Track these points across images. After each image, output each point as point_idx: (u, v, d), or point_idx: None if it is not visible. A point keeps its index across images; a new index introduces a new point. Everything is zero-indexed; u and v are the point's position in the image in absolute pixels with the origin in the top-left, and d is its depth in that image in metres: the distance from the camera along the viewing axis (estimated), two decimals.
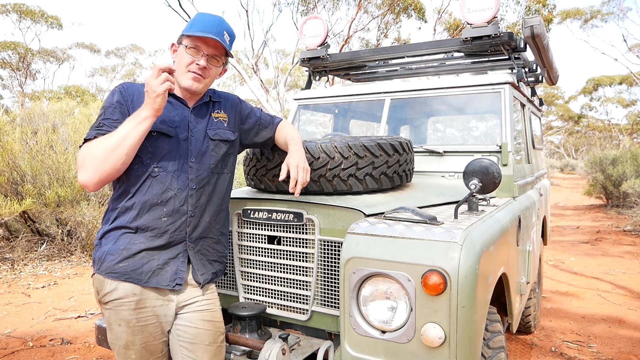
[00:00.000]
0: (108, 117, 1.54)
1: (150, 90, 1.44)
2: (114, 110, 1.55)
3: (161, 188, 1.56)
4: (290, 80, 23.31)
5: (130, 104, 1.58)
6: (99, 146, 1.46)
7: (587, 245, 7.49)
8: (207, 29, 1.58)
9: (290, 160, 1.74)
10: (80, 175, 1.48)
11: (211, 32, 1.58)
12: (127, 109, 1.56)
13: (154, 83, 1.43)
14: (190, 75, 1.60)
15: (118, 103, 1.56)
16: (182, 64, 1.61)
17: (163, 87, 1.43)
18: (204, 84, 1.64)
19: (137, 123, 1.46)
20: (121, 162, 1.47)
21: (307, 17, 3.39)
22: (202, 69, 1.60)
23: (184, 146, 1.61)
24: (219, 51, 1.64)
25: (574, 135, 44.63)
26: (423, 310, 1.48)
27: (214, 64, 1.64)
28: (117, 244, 1.56)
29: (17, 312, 4.27)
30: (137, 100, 1.58)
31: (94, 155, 1.46)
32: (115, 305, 1.56)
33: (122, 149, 1.45)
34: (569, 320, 4.06)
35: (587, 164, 13.85)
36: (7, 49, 22.43)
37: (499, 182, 1.84)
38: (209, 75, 1.64)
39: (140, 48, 30.33)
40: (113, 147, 1.44)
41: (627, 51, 24.72)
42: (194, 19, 1.63)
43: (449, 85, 2.73)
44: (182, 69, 1.61)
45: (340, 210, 1.80)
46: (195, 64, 1.59)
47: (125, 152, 1.46)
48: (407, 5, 15.95)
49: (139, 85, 1.63)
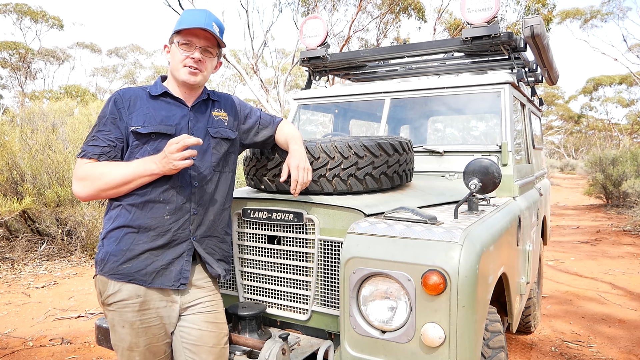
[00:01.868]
0: (101, 130, 1.58)
1: (170, 160, 1.48)
2: (107, 122, 1.59)
3: (163, 186, 1.57)
4: (291, 80, 23.32)
5: (127, 110, 1.59)
6: (101, 177, 1.52)
7: (587, 245, 7.49)
8: (195, 22, 1.59)
9: (291, 160, 1.74)
10: (76, 188, 1.55)
11: (200, 23, 1.59)
12: (123, 117, 1.58)
13: (176, 156, 1.47)
14: (187, 69, 1.61)
15: (111, 114, 1.59)
16: (176, 61, 1.62)
17: (182, 164, 1.49)
18: (202, 76, 1.65)
19: (145, 174, 1.52)
20: (118, 195, 1.56)
21: (307, 17, 3.39)
22: (197, 61, 1.61)
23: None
24: (211, 42, 1.65)
25: (574, 135, 44.63)
26: (423, 310, 1.48)
27: (208, 56, 1.66)
28: (120, 245, 1.55)
29: (17, 312, 4.27)
30: (134, 105, 1.60)
31: (95, 181, 1.53)
32: (119, 307, 1.56)
33: (122, 189, 1.54)
34: (568, 320, 4.06)
35: (587, 163, 13.85)
36: (7, 49, 22.44)
37: (499, 182, 1.84)
38: (205, 68, 1.65)
39: (140, 48, 30.34)
40: (116, 185, 1.52)
41: (627, 51, 24.75)
42: (181, 17, 1.65)
43: (449, 85, 2.72)
44: (177, 65, 1.62)
45: (340, 210, 1.80)
46: (190, 57, 1.61)
47: (124, 191, 1.55)
48: (406, 5, 15.95)
49: (136, 89, 1.65)
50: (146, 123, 1.58)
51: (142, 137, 1.57)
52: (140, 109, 1.60)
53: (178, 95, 1.66)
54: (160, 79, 1.72)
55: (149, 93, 1.64)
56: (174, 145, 1.46)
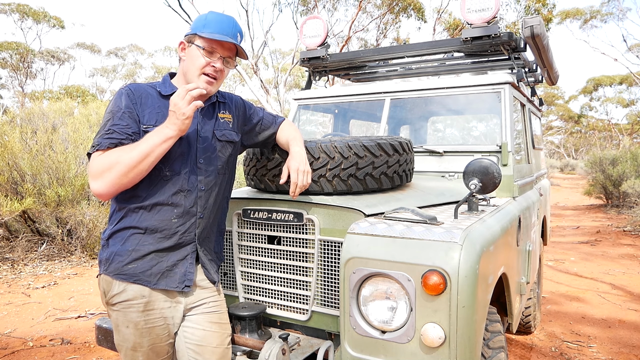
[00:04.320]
0: (117, 123, 1.49)
1: (179, 112, 1.42)
2: (123, 116, 1.50)
3: (172, 190, 1.55)
4: (291, 80, 23.32)
5: (140, 107, 1.54)
6: (119, 160, 1.43)
7: (586, 245, 7.49)
8: (223, 31, 1.56)
9: (291, 163, 1.73)
10: (95, 185, 1.45)
11: (227, 34, 1.56)
12: (137, 112, 1.53)
13: (182, 104, 1.42)
14: (205, 78, 1.57)
15: (127, 108, 1.51)
16: (195, 66, 1.57)
17: (191, 108, 1.43)
18: (217, 85, 1.63)
19: (162, 141, 1.44)
20: (140, 177, 1.47)
21: (307, 17, 3.39)
22: (217, 71, 1.59)
23: (194, 147, 1.60)
24: (233, 53, 1.62)
25: (574, 135, 44.62)
26: (423, 310, 1.48)
27: (227, 66, 1.63)
28: (125, 245, 1.54)
29: (17, 312, 4.27)
30: (145, 102, 1.56)
31: (113, 168, 1.43)
32: (124, 307, 1.55)
33: (143, 165, 1.44)
34: (569, 321, 4.06)
35: (587, 164, 13.86)
36: (8, 49, 22.46)
37: (499, 182, 1.84)
38: (222, 77, 1.63)
39: (140, 48, 30.33)
40: (135, 163, 1.42)
41: (627, 51, 24.76)
42: (208, 19, 1.59)
43: (449, 85, 2.72)
44: (195, 71, 1.57)
45: (340, 210, 1.81)
46: (212, 65, 1.57)
47: (146, 168, 1.45)
48: (406, 5, 15.95)
49: (145, 86, 1.61)
50: (158, 123, 1.52)
51: None
52: (151, 107, 1.55)
53: None
54: (169, 77, 1.68)
55: (159, 92, 1.60)
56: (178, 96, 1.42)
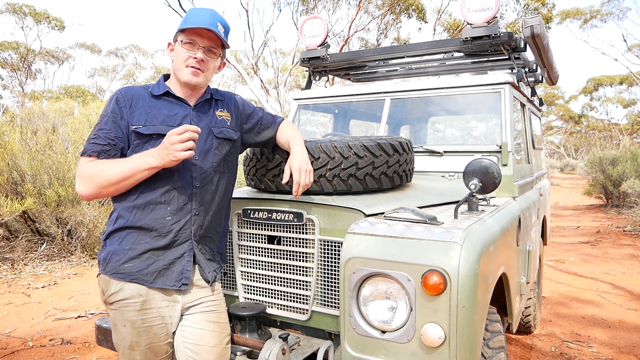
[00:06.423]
0: (102, 128, 1.57)
1: (170, 151, 1.45)
2: (108, 120, 1.58)
3: (164, 187, 1.57)
4: (291, 80, 23.32)
5: (129, 109, 1.59)
6: (101, 174, 1.51)
7: (586, 245, 7.49)
8: (199, 22, 1.58)
9: (293, 162, 1.73)
10: (79, 187, 1.55)
11: (204, 23, 1.58)
12: (124, 116, 1.58)
13: (178, 147, 1.44)
14: (189, 70, 1.60)
15: (112, 112, 1.58)
16: (179, 60, 1.61)
17: (183, 155, 1.46)
18: (204, 77, 1.64)
19: (144, 168, 1.50)
20: (120, 192, 1.56)
21: (307, 17, 3.39)
22: (200, 61, 1.60)
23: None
24: (214, 43, 1.64)
25: (574, 135, 44.62)
26: (423, 310, 1.48)
27: (211, 57, 1.64)
28: (122, 244, 1.56)
29: (17, 312, 4.27)
30: (136, 104, 1.60)
31: (95, 180, 1.52)
32: (121, 306, 1.56)
33: (123, 184, 1.52)
34: (569, 321, 4.06)
35: (587, 164, 13.86)
36: (8, 49, 22.46)
37: (499, 182, 1.84)
38: (208, 69, 1.64)
39: (140, 48, 30.33)
40: (115, 181, 1.51)
41: (627, 51, 24.73)
42: (187, 15, 1.63)
43: (449, 85, 2.72)
44: (180, 64, 1.61)
45: (340, 210, 1.81)
46: (192, 57, 1.60)
47: (126, 187, 1.54)
48: (407, 6, 15.95)
49: (138, 88, 1.64)
50: (147, 123, 1.57)
51: (143, 137, 1.57)
52: (142, 108, 1.59)
53: (180, 95, 1.66)
54: (163, 78, 1.71)
55: (151, 92, 1.64)
56: (176, 135, 1.44)
